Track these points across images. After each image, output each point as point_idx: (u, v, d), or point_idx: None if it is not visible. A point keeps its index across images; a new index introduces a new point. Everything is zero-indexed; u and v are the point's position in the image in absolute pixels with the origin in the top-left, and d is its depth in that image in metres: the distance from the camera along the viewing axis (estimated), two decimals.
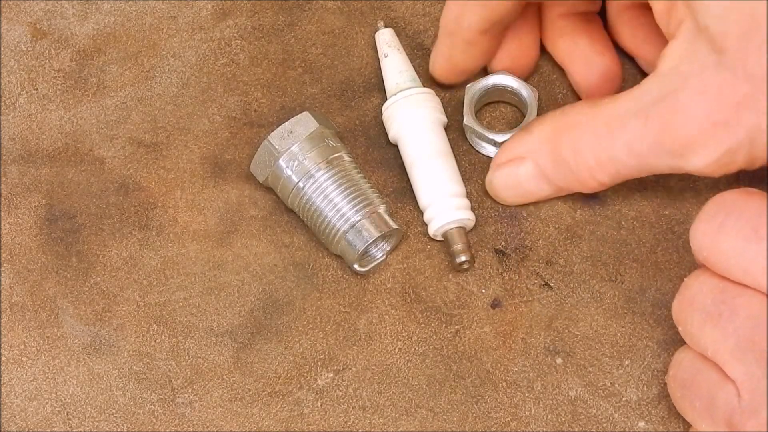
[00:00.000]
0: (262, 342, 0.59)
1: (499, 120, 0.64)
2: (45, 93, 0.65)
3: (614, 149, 0.55)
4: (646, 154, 0.54)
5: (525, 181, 0.59)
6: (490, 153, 0.62)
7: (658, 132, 0.53)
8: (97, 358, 0.59)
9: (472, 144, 0.63)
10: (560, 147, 0.57)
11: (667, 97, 0.53)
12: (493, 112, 0.64)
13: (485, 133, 0.61)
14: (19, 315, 0.60)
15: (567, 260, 0.60)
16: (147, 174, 0.63)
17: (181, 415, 0.58)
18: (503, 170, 0.59)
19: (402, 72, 0.63)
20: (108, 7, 0.67)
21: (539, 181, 0.59)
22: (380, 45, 0.64)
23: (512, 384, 0.58)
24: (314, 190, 0.59)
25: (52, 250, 0.61)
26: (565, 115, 0.57)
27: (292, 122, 0.60)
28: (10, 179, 0.63)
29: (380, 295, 0.60)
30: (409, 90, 0.62)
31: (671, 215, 0.61)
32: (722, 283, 0.50)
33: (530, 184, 0.59)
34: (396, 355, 0.59)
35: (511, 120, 0.63)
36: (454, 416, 0.57)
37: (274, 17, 0.67)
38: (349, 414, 0.58)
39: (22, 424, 0.58)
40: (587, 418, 0.57)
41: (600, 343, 0.58)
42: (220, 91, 0.65)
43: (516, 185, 0.59)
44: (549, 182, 0.59)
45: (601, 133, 0.55)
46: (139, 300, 0.60)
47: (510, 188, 0.60)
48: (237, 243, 0.61)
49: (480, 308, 0.59)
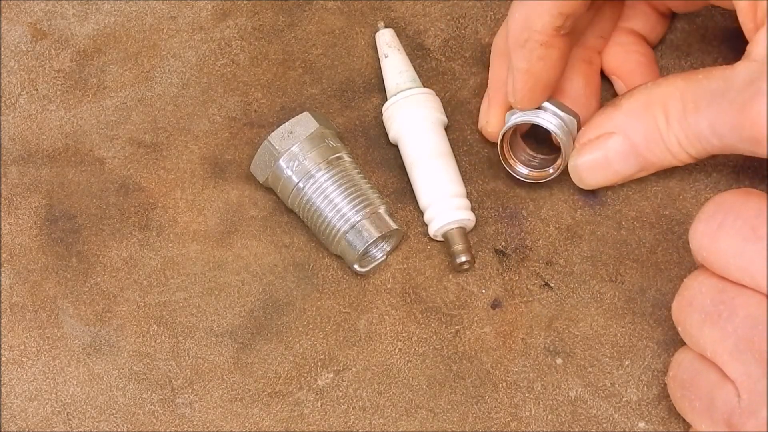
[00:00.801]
0: (262, 342, 0.59)
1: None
2: (45, 93, 0.65)
3: (699, 126, 0.54)
4: (727, 135, 0.53)
5: (614, 159, 0.58)
6: (521, 172, 0.61)
7: (739, 116, 0.52)
8: (97, 358, 0.59)
9: (506, 164, 0.62)
10: (653, 119, 0.56)
11: (754, 83, 0.52)
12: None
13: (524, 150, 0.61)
14: (19, 315, 0.60)
15: (567, 260, 0.60)
16: (147, 174, 0.63)
17: (181, 415, 0.58)
18: (590, 150, 0.58)
19: (402, 72, 0.63)
20: (108, 8, 0.67)
21: (628, 158, 0.58)
22: (380, 45, 0.64)
23: (512, 384, 0.58)
24: (314, 191, 0.59)
25: (52, 251, 0.61)
26: (658, 87, 0.56)
27: (292, 122, 0.60)
28: (10, 179, 0.63)
29: (380, 295, 0.60)
30: (409, 90, 0.62)
31: (671, 215, 0.61)
32: (721, 284, 0.50)
33: (619, 161, 0.58)
34: (396, 356, 0.59)
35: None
36: (454, 416, 0.57)
37: (274, 18, 0.67)
38: (349, 414, 0.58)
39: (22, 425, 0.58)
40: (587, 419, 0.57)
41: (600, 344, 0.58)
42: (220, 92, 0.65)
43: (604, 164, 0.58)
44: (639, 158, 0.58)
45: (690, 108, 0.55)
46: (139, 300, 0.60)
47: (597, 168, 0.59)
48: (237, 243, 0.61)
49: (480, 308, 0.59)
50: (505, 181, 0.62)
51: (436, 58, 0.65)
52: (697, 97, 0.55)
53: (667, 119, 0.56)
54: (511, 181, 0.62)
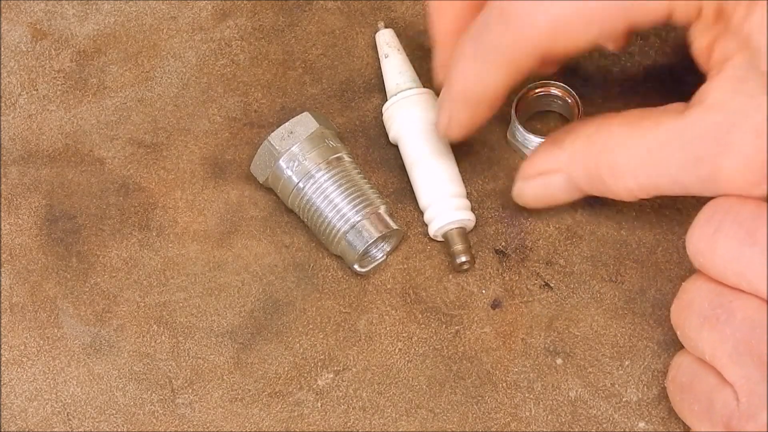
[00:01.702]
0: (263, 342, 0.59)
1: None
2: (45, 93, 0.65)
3: (657, 176, 0.53)
4: (691, 184, 0.52)
5: (557, 192, 0.58)
6: None
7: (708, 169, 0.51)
8: (97, 358, 0.59)
9: (521, 149, 0.62)
10: (597, 166, 0.55)
11: (719, 134, 0.50)
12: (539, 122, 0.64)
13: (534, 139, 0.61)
14: (19, 315, 0.60)
15: (567, 260, 0.60)
16: (147, 174, 0.63)
17: (181, 415, 0.58)
18: (534, 182, 0.58)
19: (402, 72, 0.63)
20: (108, 8, 0.67)
21: (572, 191, 0.58)
22: (380, 45, 0.64)
23: (512, 384, 0.58)
24: (314, 191, 0.59)
25: (53, 251, 0.61)
26: (600, 133, 0.55)
27: (292, 123, 0.60)
28: (10, 179, 0.63)
29: (380, 295, 0.60)
30: (409, 90, 0.62)
31: (671, 215, 0.61)
32: (719, 287, 0.50)
33: (562, 194, 0.58)
34: (396, 356, 0.59)
35: None
36: (454, 417, 0.57)
37: (274, 17, 0.66)
38: (349, 414, 0.58)
39: (22, 425, 0.58)
40: (587, 419, 0.57)
41: (600, 344, 0.58)
42: (220, 92, 0.65)
43: (547, 196, 0.58)
44: (582, 192, 0.57)
45: (644, 159, 0.53)
46: (139, 300, 0.60)
47: (540, 199, 0.59)
48: (237, 243, 0.61)
49: (480, 309, 0.59)
50: (505, 181, 0.62)
51: None
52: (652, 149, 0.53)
53: (613, 169, 0.54)
54: (511, 182, 0.62)
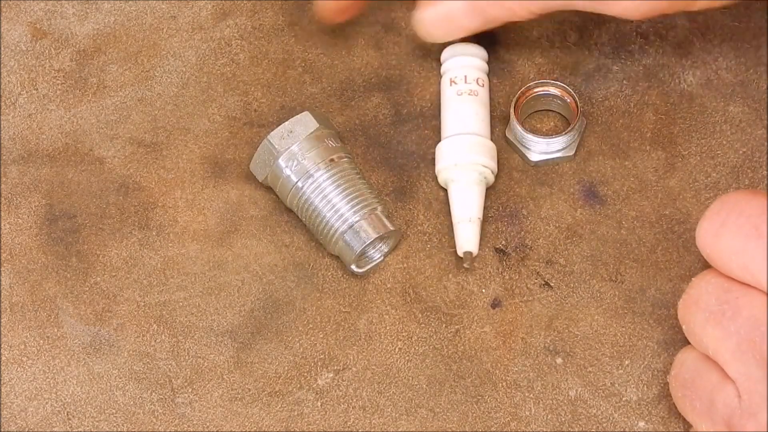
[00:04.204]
0: (262, 342, 0.59)
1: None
2: (45, 93, 0.65)
3: None
4: None
5: (457, 16, 0.59)
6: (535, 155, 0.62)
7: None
8: (97, 358, 0.59)
9: (519, 148, 0.62)
10: None
11: None
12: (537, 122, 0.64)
13: (533, 138, 0.61)
14: (19, 315, 0.60)
15: (567, 260, 0.60)
16: (147, 174, 0.63)
17: (181, 415, 0.58)
18: (434, 7, 0.60)
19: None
20: (108, 7, 0.67)
21: (471, 14, 0.59)
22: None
23: (512, 384, 0.58)
24: (313, 191, 0.59)
25: (52, 250, 0.61)
26: None
27: (292, 122, 0.60)
28: (10, 179, 0.63)
29: (380, 295, 0.60)
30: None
31: (671, 215, 0.61)
32: (728, 283, 0.50)
33: (461, 18, 0.59)
34: (396, 355, 0.59)
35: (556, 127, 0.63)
36: (454, 416, 0.57)
37: (274, 17, 0.66)
38: (349, 414, 0.58)
39: (22, 424, 0.58)
40: (587, 418, 0.57)
41: (600, 343, 0.58)
42: (220, 91, 0.65)
43: (447, 21, 0.60)
44: (481, 14, 0.59)
45: None
46: (139, 300, 0.60)
47: (441, 25, 0.60)
48: (237, 243, 0.61)
49: (480, 308, 0.59)
50: (505, 180, 0.62)
51: (437, 59, 0.65)
52: None
53: None
54: (511, 181, 0.62)
